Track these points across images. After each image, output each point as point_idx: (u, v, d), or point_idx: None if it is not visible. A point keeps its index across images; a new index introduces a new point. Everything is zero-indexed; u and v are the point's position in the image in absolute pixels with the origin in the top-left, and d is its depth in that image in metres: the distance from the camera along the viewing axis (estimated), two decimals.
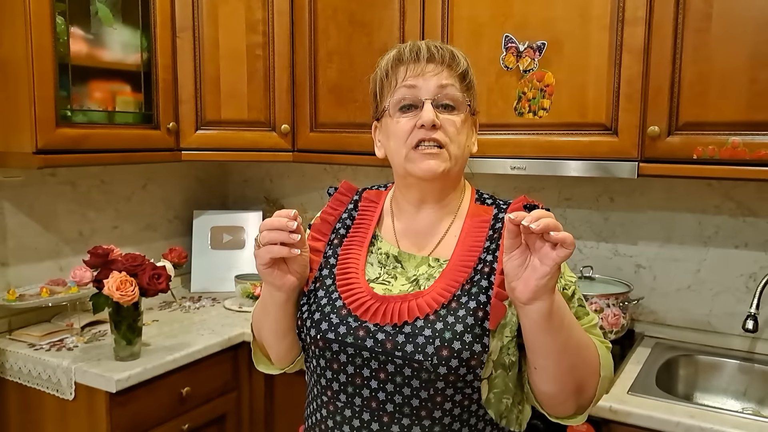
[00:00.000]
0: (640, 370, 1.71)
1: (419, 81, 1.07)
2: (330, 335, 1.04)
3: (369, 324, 1.03)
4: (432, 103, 1.06)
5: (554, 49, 1.72)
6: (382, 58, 1.14)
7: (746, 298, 1.84)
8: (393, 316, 1.03)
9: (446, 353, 0.99)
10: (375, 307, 1.04)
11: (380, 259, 1.13)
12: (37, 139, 1.71)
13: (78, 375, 1.68)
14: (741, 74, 1.52)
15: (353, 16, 2.02)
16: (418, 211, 1.14)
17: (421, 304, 1.03)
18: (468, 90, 1.11)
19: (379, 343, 1.01)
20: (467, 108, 1.10)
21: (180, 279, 2.46)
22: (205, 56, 2.12)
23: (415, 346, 1.00)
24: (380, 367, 1.01)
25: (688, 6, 1.56)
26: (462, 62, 1.10)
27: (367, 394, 1.03)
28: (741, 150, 1.53)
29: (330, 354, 1.05)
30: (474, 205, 1.16)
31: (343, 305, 1.06)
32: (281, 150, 2.21)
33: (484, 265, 1.06)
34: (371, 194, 1.23)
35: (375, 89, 1.14)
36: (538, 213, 0.87)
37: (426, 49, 1.08)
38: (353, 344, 1.03)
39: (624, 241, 2.05)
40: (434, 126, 1.05)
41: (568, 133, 1.73)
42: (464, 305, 1.02)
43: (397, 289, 1.08)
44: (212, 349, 1.91)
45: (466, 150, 1.12)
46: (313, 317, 1.07)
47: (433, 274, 1.08)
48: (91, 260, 1.70)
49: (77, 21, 1.83)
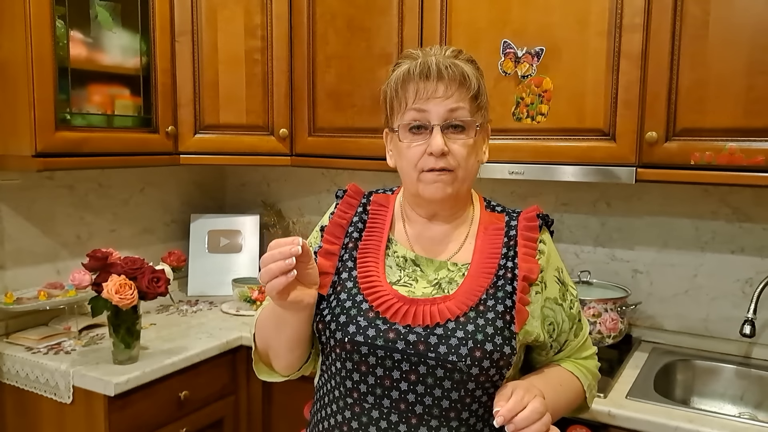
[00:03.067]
0: (638, 374, 1.72)
1: (429, 105, 1.07)
2: (359, 338, 1.04)
3: (399, 326, 1.04)
4: (441, 127, 1.07)
5: (552, 54, 1.73)
6: (393, 71, 1.12)
7: (743, 303, 1.85)
8: (424, 318, 1.04)
9: (479, 354, 1.01)
10: (404, 309, 1.05)
11: (398, 262, 1.14)
12: (36, 143, 1.71)
13: (76, 378, 1.68)
14: (738, 81, 1.53)
15: (352, 21, 2.03)
16: (431, 223, 1.17)
17: (450, 307, 1.05)
18: (479, 110, 1.10)
19: (410, 345, 1.02)
20: (477, 129, 1.10)
21: (177, 282, 2.46)
22: (204, 60, 2.12)
23: (448, 347, 1.01)
24: (411, 368, 1.02)
25: (685, 13, 1.57)
26: (473, 83, 1.08)
27: (396, 395, 1.03)
28: (738, 156, 1.54)
29: (358, 357, 1.04)
30: (485, 212, 1.18)
31: (369, 308, 1.06)
32: (279, 154, 2.21)
33: (506, 271, 1.09)
34: (380, 198, 1.24)
35: (385, 103, 1.14)
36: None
37: (436, 68, 1.06)
38: (383, 346, 1.03)
39: (621, 246, 2.06)
40: (443, 153, 1.06)
41: (566, 138, 1.74)
42: (492, 308, 1.05)
43: (420, 292, 1.09)
44: (210, 353, 1.90)
45: (475, 166, 1.13)
46: (338, 320, 1.07)
47: (455, 279, 1.10)
48: (90, 263, 1.70)
49: (77, 25, 1.83)
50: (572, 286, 1.19)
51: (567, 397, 1.15)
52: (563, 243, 2.12)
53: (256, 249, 2.55)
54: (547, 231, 1.18)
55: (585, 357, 1.21)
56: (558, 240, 2.11)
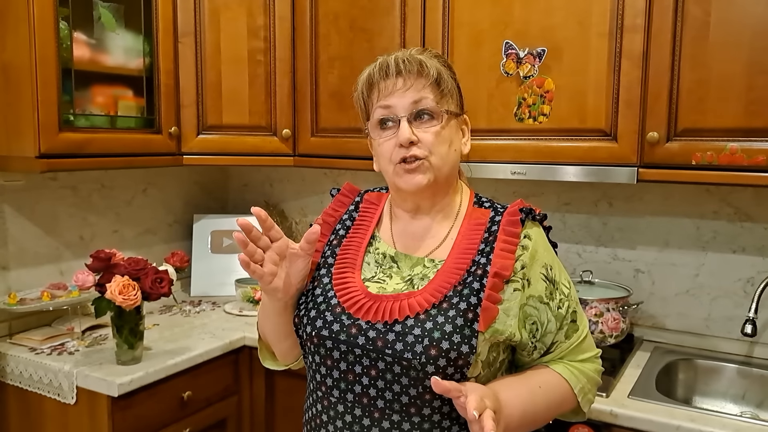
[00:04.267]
0: (640, 374, 1.72)
1: (392, 100, 1.10)
2: (324, 332, 1.08)
3: (361, 321, 1.06)
4: (408, 118, 1.09)
5: (554, 55, 1.73)
6: (358, 79, 1.17)
7: (744, 303, 1.85)
8: (384, 314, 1.05)
9: (434, 352, 1.01)
10: (368, 305, 1.07)
11: (377, 259, 1.16)
12: (40, 144, 1.72)
13: (79, 379, 1.69)
14: (739, 81, 1.53)
15: (354, 22, 2.04)
16: (414, 217, 1.18)
17: (412, 303, 1.05)
18: (444, 96, 1.11)
19: (370, 341, 1.04)
20: (445, 115, 1.11)
21: (180, 283, 2.46)
22: (207, 61, 2.13)
23: (404, 344, 1.02)
24: (371, 364, 1.04)
25: (686, 14, 1.58)
26: (432, 71, 1.09)
27: (359, 390, 1.05)
28: (739, 156, 1.54)
29: (324, 351, 1.08)
30: (471, 208, 1.18)
31: (337, 303, 1.10)
32: (282, 155, 2.21)
33: (477, 267, 1.08)
34: (372, 196, 1.26)
35: (360, 110, 1.19)
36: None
37: (394, 63, 1.10)
38: (346, 341, 1.06)
39: (623, 246, 2.06)
40: (412, 143, 1.08)
41: (567, 138, 1.74)
42: (455, 306, 1.04)
43: (392, 288, 1.11)
44: (213, 353, 1.91)
45: (452, 155, 1.13)
46: (309, 314, 1.11)
47: (428, 275, 1.10)
48: (93, 264, 1.71)
49: (80, 26, 1.84)
50: (565, 286, 1.13)
51: (549, 399, 1.09)
52: (565, 243, 2.13)
53: None
54: (538, 225, 1.14)
55: (582, 360, 1.15)
56: (560, 240, 2.12)
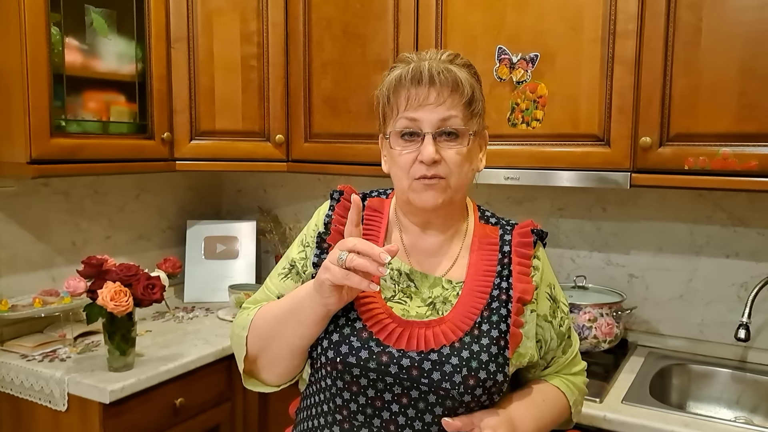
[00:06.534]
0: (633, 379, 1.72)
1: (420, 113, 1.04)
2: (351, 359, 1.02)
3: (393, 349, 1.01)
4: (434, 134, 1.04)
5: (547, 60, 1.74)
6: (386, 76, 1.10)
7: (738, 308, 1.85)
8: (419, 343, 1.01)
9: (473, 382, 0.99)
10: (398, 332, 1.03)
11: (392, 275, 1.11)
12: (31, 149, 1.71)
13: (71, 386, 1.67)
14: (731, 86, 1.54)
15: (347, 27, 2.04)
16: (424, 232, 1.14)
17: (445, 331, 1.03)
18: (473, 117, 1.07)
19: (404, 370, 1.00)
20: (471, 137, 1.07)
21: (173, 289, 2.46)
22: (200, 67, 2.13)
23: (441, 374, 0.99)
24: (403, 392, 1.00)
25: (678, 19, 1.58)
26: (467, 90, 1.05)
27: (386, 416, 1.02)
28: (731, 161, 1.55)
29: (349, 377, 1.02)
30: (479, 224, 1.16)
31: (363, 327, 1.04)
32: (275, 160, 2.21)
33: (501, 292, 1.07)
34: (374, 203, 1.20)
35: (378, 109, 1.12)
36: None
37: (428, 73, 1.03)
38: (376, 369, 1.01)
39: (617, 251, 2.06)
40: (434, 161, 1.03)
41: (561, 143, 1.75)
42: (487, 334, 1.03)
43: (414, 311, 1.07)
44: (206, 359, 1.90)
45: (470, 174, 1.10)
46: (331, 338, 1.04)
47: (449, 298, 1.08)
48: (85, 270, 1.70)
49: (72, 31, 1.83)
50: (564, 303, 1.16)
51: (551, 412, 1.13)
52: (559, 248, 2.13)
53: (252, 255, 2.55)
54: (541, 246, 1.16)
55: (574, 373, 1.19)
56: (554, 245, 2.12)
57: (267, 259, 2.69)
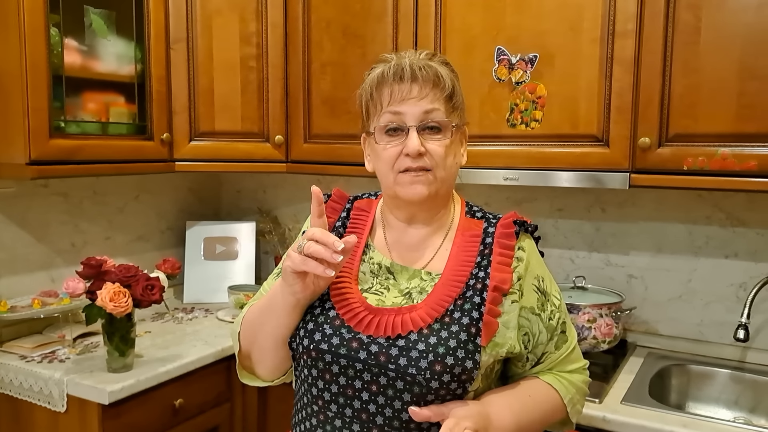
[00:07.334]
0: (633, 379, 1.72)
1: (404, 107, 1.07)
2: (323, 346, 1.04)
3: (362, 336, 1.03)
4: (417, 128, 1.07)
5: (546, 61, 1.74)
6: (368, 74, 1.13)
7: (737, 308, 1.85)
8: (387, 329, 1.03)
9: (439, 368, 0.99)
10: (369, 318, 1.05)
11: (372, 269, 1.14)
12: (31, 150, 1.71)
13: (70, 387, 1.67)
14: (730, 86, 1.54)
15: (347, 28, 2.04)
16: (409, 227, 1.16)
17: (414, 318, 1.04)
18: (454, 110, 1.10)
19: (372, 356, 1.02)
20: (453, 129, 1.09)
21: (172, 290, 2.45)
22: (199, 68, 2.13)
23: (408, 360, 1.00)
24: (372, 379, 1.02)
25: (677, 19, 1.58)
26: (447, 84, 1.08)
27: (357, 405, 1.03)
28: (730, 161, 1.55)
29: (322, 364, 1.05)
30: (464, 218, 1.17)
31: (336, 316, 1.07)
32: (275, 161, 2.21)
33: (477, 281, 1.07)
34: (362, 203, 1.24)
35: (361, 106, 1.14)
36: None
37: (410, 69, 1.07)
38: (346, 356, 1.03)
39: (616, 252, 2.06)
40: (420, 154, 1.06)
41: (560, 144, 1.75)
42: (457, 321, 1.03)
43: (390, 301, 1.09)
44: (205, 360, 1.90)
45: (454, 167, 1.12)
46: (306, 327, 1.07)
47: (426, 288, 1.09)
48: (84, 271, 1.70)
49: (71, 32, 1.83)
50: (556, 297, 1.14)
51: (538, 409, 1.10)
52: (558, 248, 2.13)
53: (251, 256, 2.55)
54: (530, 237, 1.15)
55: (571, 371, 1.16)
56: (553, 245, 2.12)
57: (266, 260, 2.69)
